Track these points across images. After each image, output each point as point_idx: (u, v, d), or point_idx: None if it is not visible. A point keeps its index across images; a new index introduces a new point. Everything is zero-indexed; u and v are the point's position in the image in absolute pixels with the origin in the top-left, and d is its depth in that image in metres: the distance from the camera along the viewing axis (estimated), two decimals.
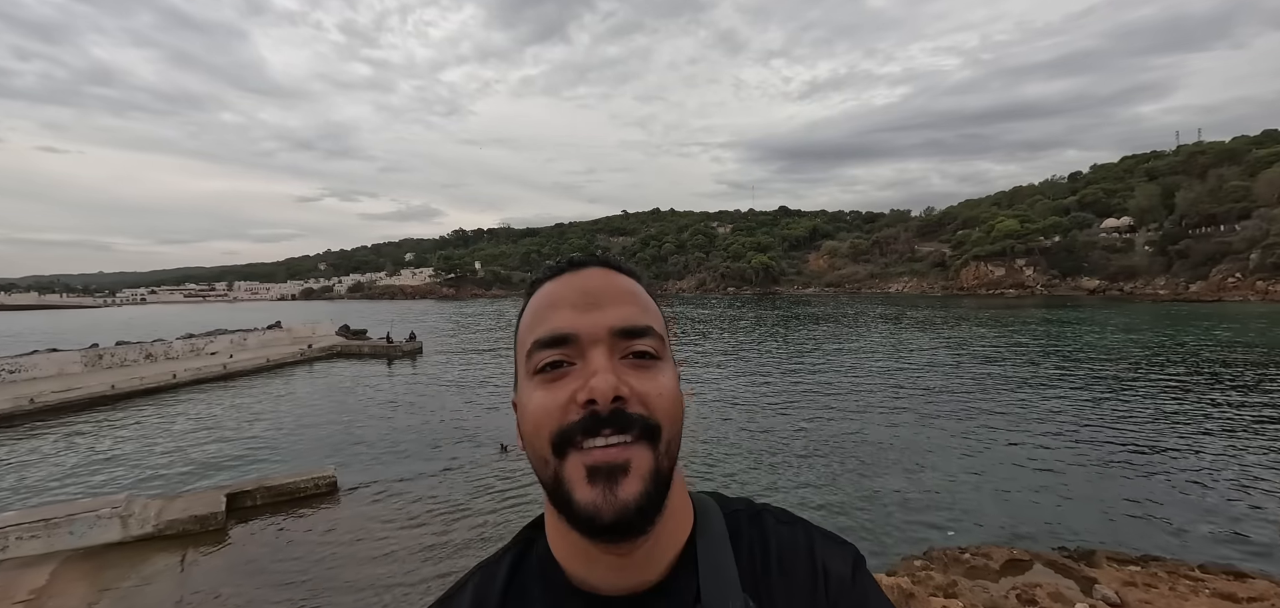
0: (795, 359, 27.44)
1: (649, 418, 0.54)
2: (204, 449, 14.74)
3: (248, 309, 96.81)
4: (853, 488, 11.31)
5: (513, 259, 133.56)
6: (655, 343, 0.58)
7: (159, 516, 9.43)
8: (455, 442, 15.03)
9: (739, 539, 0.61)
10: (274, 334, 35.21)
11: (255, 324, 39.95)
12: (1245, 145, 67.32)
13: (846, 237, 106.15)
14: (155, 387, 21.58)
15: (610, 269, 0.62)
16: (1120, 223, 68.14)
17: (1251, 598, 5.98)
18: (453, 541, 9.33)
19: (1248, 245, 50.20)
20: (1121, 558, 7.57)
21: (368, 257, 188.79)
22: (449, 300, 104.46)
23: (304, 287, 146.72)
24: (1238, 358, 23.77)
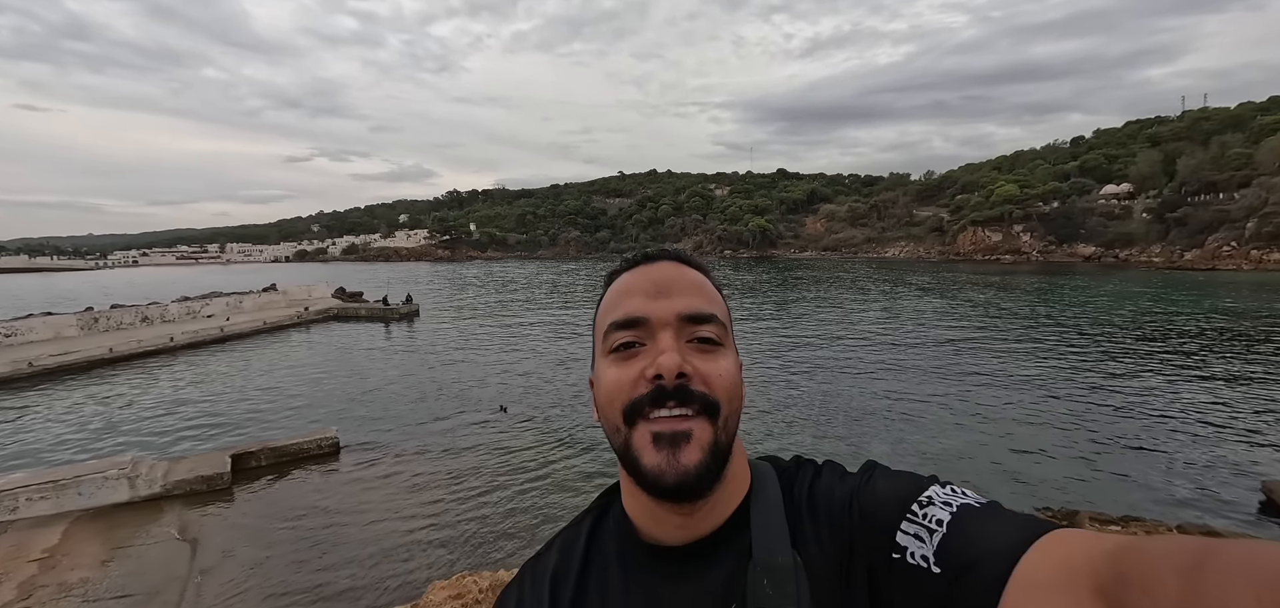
0: (788, 322, 27.66)
1: (709, 395, 0.62)
2: (205, 412, 14.89)
3: (241, 272, 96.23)
4: (842, 449, 11.58)
5: (508, 221, 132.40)
6: (718, 329, 0.66)
7: (166, 476, 9.61)
8: (455, 403, 15.23)
9: (791, 498, 0.67)
10: (270, 297, 35.13)
11: (250, 287, 39.78)
12: (1251, 112, 66.22)
13: (845, 200, 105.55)
14: (153, 350, 21.63)
15: (680, 262, 0.71)
16: (1120, 190, 67.63)
17: None
18: (456, 500, 9.54)
19: (1245, 214, 49.92)
20: (1103, 518, 7.84)
21: (361, 218, 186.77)
22: (445, 263, 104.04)
23: (297, 249, 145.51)
24: (1221, 326, 24.11)
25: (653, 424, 0.61)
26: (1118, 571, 0.41)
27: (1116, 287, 38.02)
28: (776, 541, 0.63)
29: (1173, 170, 61.14)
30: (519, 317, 31.83)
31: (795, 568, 0.61)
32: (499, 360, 20.59)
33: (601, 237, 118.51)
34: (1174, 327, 23.83)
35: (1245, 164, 54.51)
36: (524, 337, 25.37)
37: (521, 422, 13.69)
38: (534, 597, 0.70)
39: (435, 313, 33.96)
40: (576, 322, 29.44)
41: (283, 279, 51.49)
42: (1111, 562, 0.42)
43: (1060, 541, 0.49)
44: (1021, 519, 0.54)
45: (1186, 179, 58.44)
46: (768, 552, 0.62)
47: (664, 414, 0.60)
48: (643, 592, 0.66)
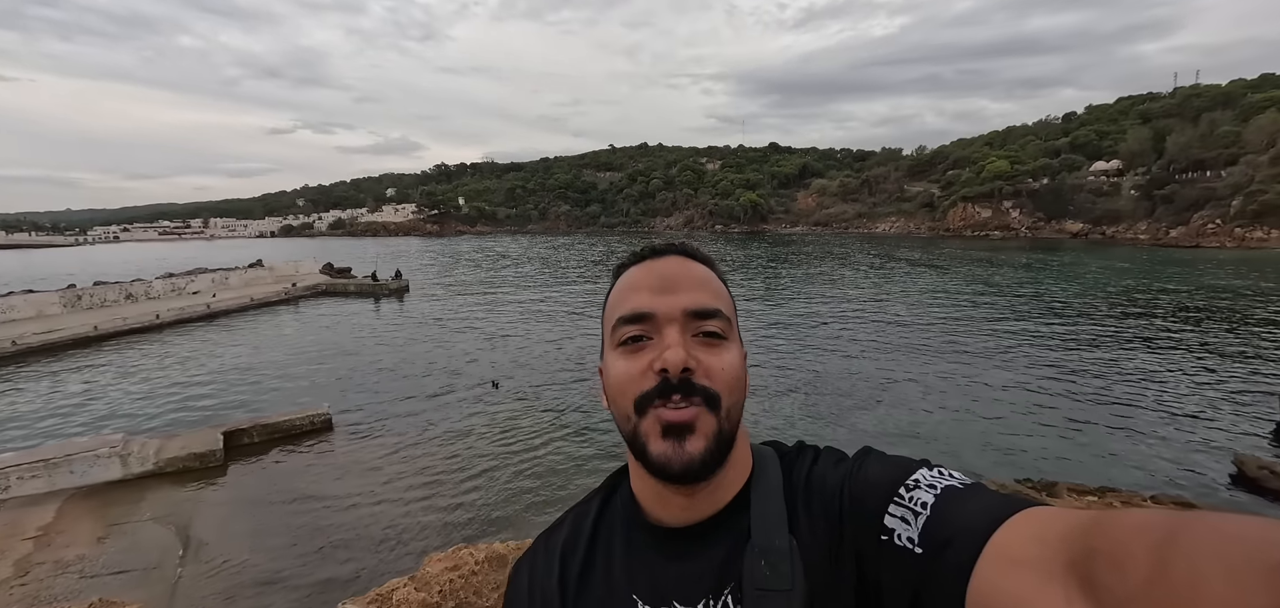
0: (779, 298, 27.83)
1: (712, 388, 0.65)
2: (195, 389, 14.82)
3: (226, 247, 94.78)
4: (829, 423, 11.80)
5: (497, 195, 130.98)
6: (722, 324, 0.68)
7: (158, 454, 9.61)
8: (446, 379, 15.26)
9: (790, 484, 0.70)
10: (256, 273, 34.71)
11: (236, 262, 39.29)
12: (1241, 89, 66.27)
13: (836, 175, 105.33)
14: (139, 327, 21.39)
15: (687, 257, 0.72)
16: (1109, 166, 67.87)
17: None
18: (449, 475, 9.64)
19: (1231, 192, 50.21)
20: (1081, 489, 8.10)
21: (347, 192, 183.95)
22: (433, 238, 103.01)
23: (283, 223, 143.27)
24: (1201, 303, 24.61)
25: (662, 412, 0.64)
26: (1089, 544, 0.42)
27: (1102, 264, 38.53)
28: (774, 525, 0.66)
29: (1162, 147, 61.33)
30: (510, 292, 31.74)
31: (791, 551, 0.64)
32: (490, 336, 20.59)
33: (592, 211, 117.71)
34: (1155, 304, 24.29)
35: (1234, 142, 54.75)
36: (515, 313, 25.35)
37: (514, 398, 13.76)
38: (545, 566, 0.76)
39: (425, 289, 33.77)
40: (568, 298, 29.44)
41: (269, 255, 50.85)
42: (1083, 536, 0.43)
43: (1034, 517, 0.50)
44: (1000, 498, 0.55)
45: (1175, 156, 58.75)
46: (765, 535, 0.65)
47: (669, 407, 0.64)
48: (645, 568, 0.70)
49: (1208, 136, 57.50)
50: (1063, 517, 0.47)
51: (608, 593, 0.71)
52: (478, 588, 5.46)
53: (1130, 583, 0.36)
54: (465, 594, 5.33)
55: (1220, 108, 62.85)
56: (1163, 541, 0.36)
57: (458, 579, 5.37)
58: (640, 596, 0.69)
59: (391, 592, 5.05)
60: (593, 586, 0.72)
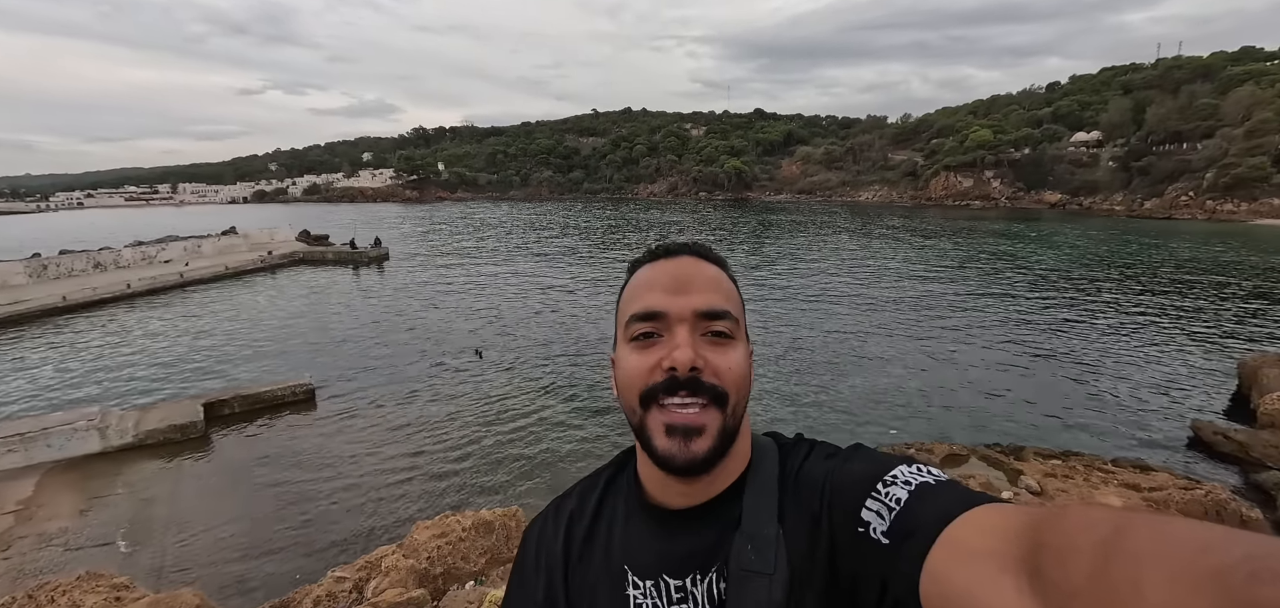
0: (763, 267, 28.04)
1: (719, 386, 0.69)
2: (171, 360, 14.59)
3: (196, 214, 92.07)
4: (810, 390, 12.08)
5: (478, 160, 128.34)
6: (730, 324, 0.71)
7: (137, 426, 9.52)
8: (430, 349, 15.22)
9: (785, 473, 0.75)
10: (230, 240, 33.88)
11: (208, 230, 38.25)
12: (1222, 62, 66.30)
13: (821, 142, 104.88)
14: (109, 297, 20.86)
15: (699, 258, 0.76)
16: (1089, 137, 68.36)
17: (1152, 488, 6.86)
18: (434, 445, 9.72)
19: (1206, 164, 50.95)
20: (1046, 453, 8.46)
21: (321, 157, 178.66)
22: (413, 204, 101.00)
23: (255, 189, 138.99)
24: (1169, 275, 25.38)
25: (666, 413, 0.68)
26: (1038, 539, 0.43)
27: (1077, 235, 39.31)
28: (764, 513, 0.70)
29: (1142, 119, 61.78)
30: (493, 261, 31.47)
31: (777, 538, 0.68)
32: (473, 306, 20.50)
33: (575, 177, 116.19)
34: (1125, 275, 24.99)
35: (1211, 115, 55.09)
36: (498, 281, 25.19)
37: (497, 368, 13.80)
38: (553, 532, 0.83)
39: (405, 257, 33.32)
40: (552, 267, 29.30)
41: (242, 222, 49.54)
42: (1033, 531, 0.45)
43: (991, 511, 0.52)
44: (964, 494, 0.57)
45: (1154, 128, 59.27)
46: (755, 523, 0.70)
47: (676, 402, 0.68)
48: (641, 543, 0.76)
49: (1186, 109, 57.88)
50: (1018, 513, 0.49)
51: (605, 562, 0.78)
52: (465, 554, 5.59)
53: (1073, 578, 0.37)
54: (453, 560, 5.46)
55: (1200, 80, 63.05)
56: (1107, 538, 0.37)
57: (445, 546, 5.48)
58: (633, 568, 0.75)
59: (380, 559, 5.15)
60: (593, 554, 0.79)
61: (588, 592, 0.78)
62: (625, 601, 0.75)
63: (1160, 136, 58.81)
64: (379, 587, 4.59)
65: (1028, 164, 68.06)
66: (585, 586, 0.78)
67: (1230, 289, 20.95)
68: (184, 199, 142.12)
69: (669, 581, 0.73)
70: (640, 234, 44.32)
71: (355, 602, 4.61)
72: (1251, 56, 66.74)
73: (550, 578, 0.80)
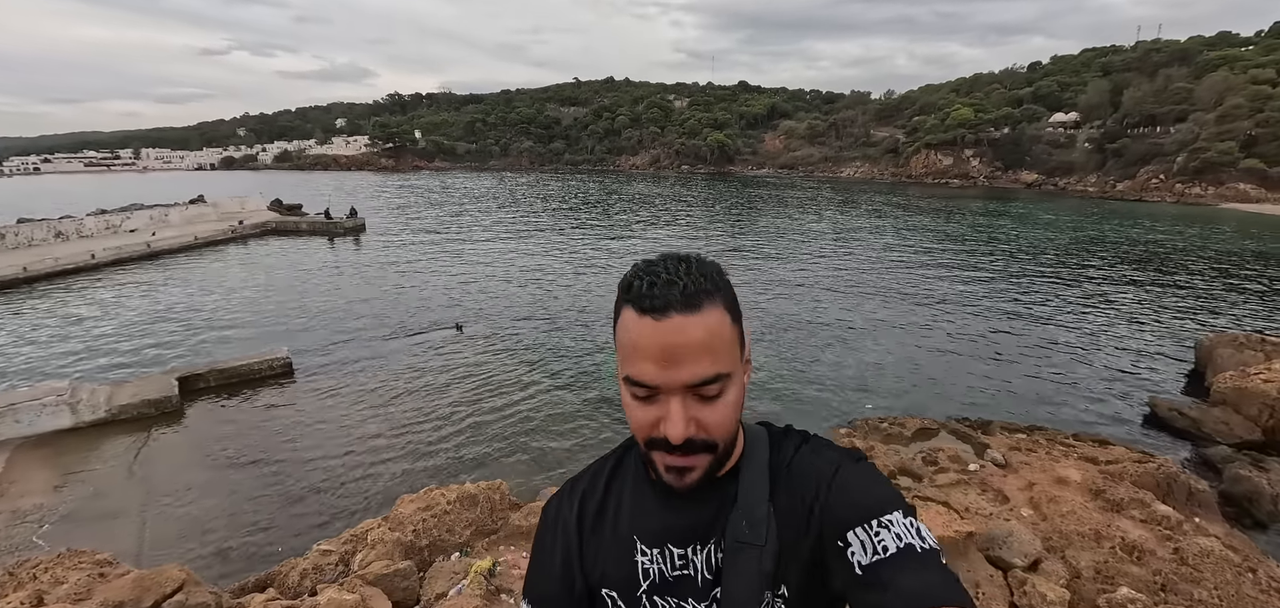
0: (743, 242, 28.20)
1: (710, 439, 0.78)
2: (141, 333, 14.25)
3: (161, 181, 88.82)
4: (789, 365, 12.32)
5: (456, 128, 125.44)
6: (721, 383, 0.76)
7: (110, 401, 9.33)
8: (409, 322, 15.09)
9: (776, 460, 0.86)
10: (198, 209, 32.84)
11: (175, 198, 37.02)
12: (1198, 46, 67.30)
13: (805, 117, 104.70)
14: (73, 268, 20.17)
15: (688, 310, 0.73)
16: (1067, 118, 69.15)
17: (1109, 461, 7.21)
18: (415, 419, 9.71)
19: (1177, 148, 51.78)
20: (1012, 427, 8.81)
21: (292, 122, 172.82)
22: (389, 173, 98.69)
23: (223, 155, 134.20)
24: (1137, 255, 26.20)
25: (666, 457, 0.79)
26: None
27: (1050, 215, 40.15)
28: (757, 493, 0.82)
29: (1119, 101, 62.67)
30: (472, 233, 31.08)
31: (768, 516, 0.80)
32: (452, 278, 20.30)
33: (556, 147, 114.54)
34: (1094, 255, 25.72)
35: (1185, 99, 56.03)
36: (478, 254, 24.94)
37: (478, 341, 13.77)
38: (568, 508, 0.94)
39: (382, 227, 32.72)
40: (534, 240, 29.07)
41: (210, 190, 48.01)
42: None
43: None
44: (941, 578, 0.66)
45: (1130, 111, 60.18)
46: (749, 501, 0.82)
47: (674, 456, 0.78)
48: (647, 516, 0.88)
49: (1162, 93, 58.76)
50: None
51: (614, 532, 0.90)
52: (450, 526, 5.68)
53: None
54: (438, 532, 5.54)
55: (1177, 64, 63.94)
56: None
57: (430, 519, 5.56)
58: (640, 537, 0.87)
59: (366, 532, 5.21)
60: (604, 525, 0.91)
61: (600, 557, 0.90)
62: (634, 565, 0.87)
63: (1136, 119, 59.86)
64: (365, 560, 4.66)
65: (1007, 143, 68.89)
66: (598, 552, 0.90)
67: (1193, 271, 21.73)
68: (147, 165, 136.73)
69: (672, 549, 0.85)
70: (625, 209, 44.05)
71: (342, 574, 4.67)
72: (1227, 41, 67.96)
73: (567, 546, 0.91)
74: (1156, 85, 60.28)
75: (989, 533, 5.55)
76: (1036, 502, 6.43)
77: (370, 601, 4.06)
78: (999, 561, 5.28)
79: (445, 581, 4.61)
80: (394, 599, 4.33)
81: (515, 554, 5.27)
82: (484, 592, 4.40)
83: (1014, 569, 5.18)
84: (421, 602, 4.51)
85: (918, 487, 6.87)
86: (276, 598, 4.24)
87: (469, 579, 4.51)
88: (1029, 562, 5.24)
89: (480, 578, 4.54)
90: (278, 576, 4.80)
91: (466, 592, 4.36)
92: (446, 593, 4.43)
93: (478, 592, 4.38)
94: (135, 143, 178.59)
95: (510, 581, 4.85)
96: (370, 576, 4.40)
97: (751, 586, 0.78)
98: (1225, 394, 9.32)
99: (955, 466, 7.45)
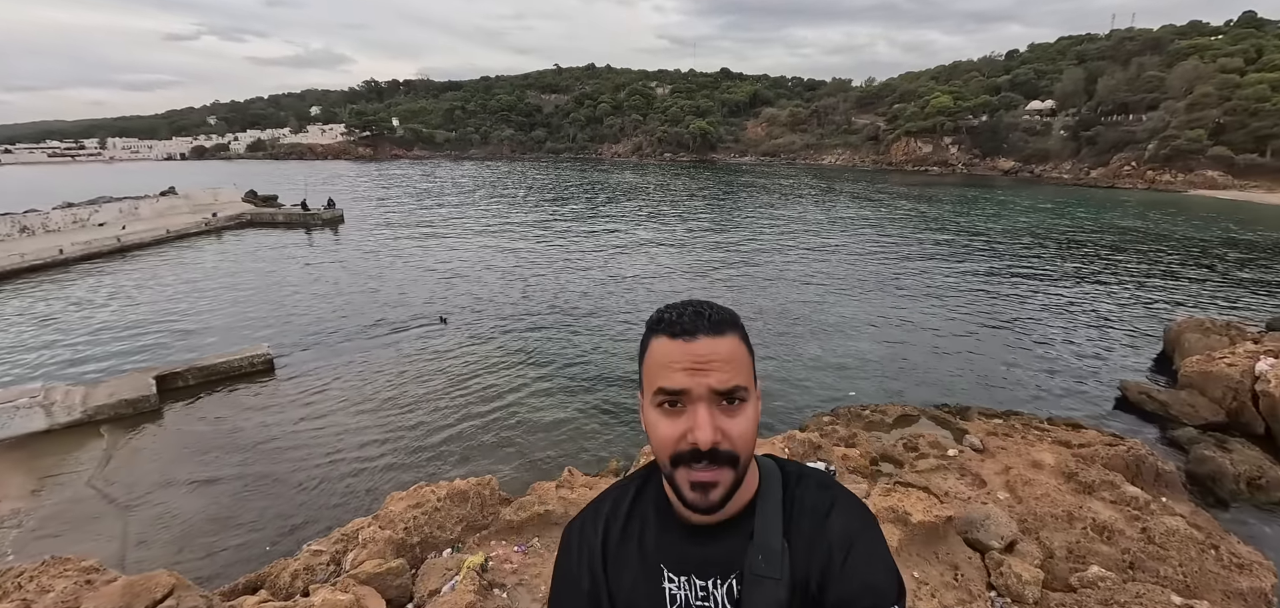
0: (727, 231, 28.33)
1: (733, 451, 0.83)
2: (115, 332, 13.92)
3: (129, 172, 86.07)
4: (774, 354, 12.48)
5: (435, 116, 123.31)
6: (743, 392, 0.84)
7: (85, 402, 9.13)
8: (391, 316, 14.94)
9: (788, 497, 0.93)
10: (170, 202, 32.00)
11: (145, 190, 35.97)
12: (1170, 35, 68.89)
13: (786, 104, 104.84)
14: (40, 264, 19.56)
15: (714, 335, 0.85)
16: (1043, 106, 70.33)
17: (1082, 444, 7.48)
18: (402, 416, 9.66)
19: (1149, 135, 53.07)
20: (989, 413, 9.06)
21: (265, 110, 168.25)
22: (366, 162, 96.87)
23: (194, 145, 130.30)
24: (1111, 241, 26.89)
25: (691, 472, 0.83)
26: None
27: (1027, 202, 40.90)
28: (772, 529, 0.89)
29: (1094, 89, 63.85)
30: (454, 224, 30.76)
31: (783, 551, 0.88)
32: (435, 270, 20.11)
33: (537, 135, 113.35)
34: (1068, 240, 26.34)
35: (1157, 87, 57.28)
36: (460, 245, 24.71)
37: (463, 334, 13.70)
38: (593, 530, 1.00)
39: (361, 218, 32.20)
40: (517, 231, 28.87)
41: (181, 180, 46.72)
42: None
43: None
44: None
45: (1103, 99, 61.41)
46: (765, 537, 0.89)
47: (700, 468, 0.83)
48: (672, 547, 0.93)
49: (1134, 81, 60.01)
50: None
51: (641, 558, 0.95)
52: (441, 523, 5.70)
53: None
54: (429, 529, 5.56)
55: (1149, 52, 65.23)
56: None
57: (421, 516, 5.57)
58: (667, 565, 0.93)
59: (357, 531, 5.21)
60: (628, 550, 0.97)
61: (625, 581, 0.95)
62: (662, 591, 0.93)
63: (1109, 107, 61.10)
64: (357, 559, 4.66)
65: (984, 131, 69.86)
66: (622, 575, 0.96)
67: (1163, 257, 22.38)
68: (114, 155, 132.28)
69: (696, 580, 0.92)
70: (612, 200, 43.84)
71: (334, 574, 4.68)
72: (1198, 30, 69.50)
73: (592, 567, 0.97)
74: (1129, 73, 61.52)
75: (967, 516, 5.74)
76: (1012, 485, 6.64)
77: (364, 600, 4.08)
78: (977, 543, 5.47)
79: (438, 577, 4.64)
80: (387, 598, 4.36)
81: (507, 549, 5.32)
82: (477, 588, 4.45)
83: (991, 551, 5.37)
84: (415, 599, 4.54)
85: (899, 473, 7.05)
86: (268, 600, 4.23)
87: (462, 575, 4.55)
88: (1005, 544, 5.44)
89: (473, 574, 4.58)
90: (268, 577, 4.79)
91: (460, 588, 4.40)
92: (440, 590, 4.47)
93: (471, 588, 4.42)
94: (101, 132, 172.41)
95: (502, 575, 4.90)
96: (363, 574, 4.42)
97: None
98: (1192, 378, 9.67)
99: (935, 451, 7.65)
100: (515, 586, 4.77)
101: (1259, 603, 4.84)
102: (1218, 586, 4.98)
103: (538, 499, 5.82)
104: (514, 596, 4.65)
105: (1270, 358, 9.09)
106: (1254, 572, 5.12)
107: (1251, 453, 7.83)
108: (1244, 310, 15.32)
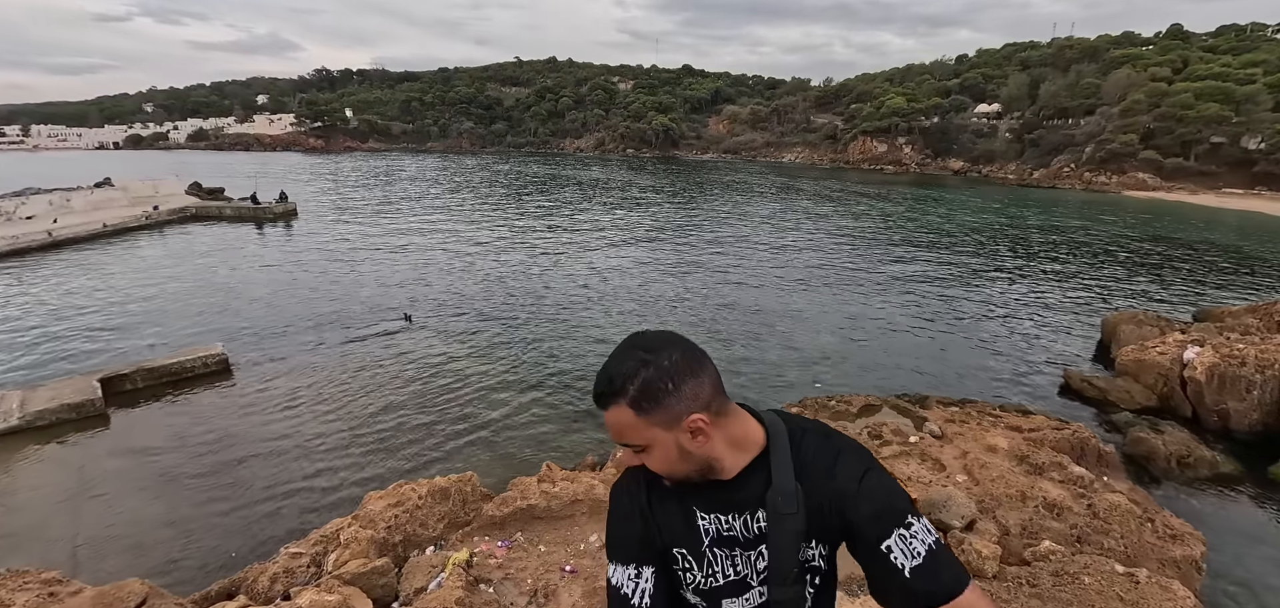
0: (690, 228, 28.63)
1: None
2: (52, 333, 13.08)
3: (57, 161, 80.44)
4: (739, 348, 12.75)
5: (391, 107, 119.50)
6: (640, 445, 1.07)
7: (24, 407, 8.59)
8: (353, 314, 14.53)
9: (795, 449, 1.09)
10: (106, 194, 30.14)
11: (77, 181, 33.75)
12: (1105, 44, 73.34)
13: (748, 102, 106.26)
14: None
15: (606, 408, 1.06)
16: (990, 109, 73.95)
17: (1031, 429, 7.96)
18: (370, 415, 9.44)
19: (1086, 139, 56.42)
20: (946, 401, 9.52)
21: (207, 98, 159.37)
22: (318, 153, 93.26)
23: (129, 133, 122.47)
24: (1049, 238, 28.45)
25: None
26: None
27: (976, 201, 42.78)
28: (786, 475, 1.07)
29: (1036, 94, 67.37)
30: (414, 218, 30.02)
31: (797, 491, 1.06)
32: (396, 266, 19.63)
33: (498, 129, 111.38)
34: (1014, 238, 27.75)
35: (1094, 94, 60.92)
36: (421, 240, 24.15)
37: (428, 330, 13.46)
38: (636, 486, 1.19)
39: (316, 213, 31.06)
40: (479, 225, 28.41)
41: (117, 171, 44.03)
42: None
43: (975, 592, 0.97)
44: (957, 567, 0.99)
45: (1045, 103, 64.91)
46: (781, 481, 1.06)
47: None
48: (700, 492, 1.13)
49: (1073, 87, 63.65)
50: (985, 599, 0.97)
51: (678, 503, 1.15)
52: (423, 521, 5.65)
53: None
54: (411, 527, 5.50)
55: (1087, 60, 69.30)
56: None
57: (402, 514, 5.51)
58: (699, 508, 1.14)
59: (337, 532, 5.11)
60: (668, 501, 1.16)
61: (668, 524, 1.16)
62: (697, 527, 1.14)
63: (1050, 112, 64.51)
64: (340, 559, 4.59)
65: (936, 132, 72.57)
66: (665, 520, 1.16)
67: (1099, 253, 23.84)
68: (39, 143, 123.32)
69: (721, 516, 1.12)
70: (577, 195, 43.53)
71: (315, 576, 4.59)
72: (1130, 41, 74.00)
73: (643, 516, 1.17)
74: (1069, 80, 65.04)
75: (929, 499, 6.05)
76: (970, 468, 7.03)
77: (350, 600, 4.03)
78: (939, 523, 5.78)
79: (423, 575, 4.62)
80: (373, 597, 4.31)
81: (490, 544, 5.32)
82: (464, 583, 4.45)
83: (952, 530, 5.69)
84: (400, 598, 4.50)
85: None
86: (248, 605, 4.12)
87: (448, 572, 4.54)
88: (965, 523, 5.77)
89: (459, 570, 4.58)
90: (244, 581, 4.65)
91: (447, 584, 4.39)
92: (426, 587, 4.45)
93: (458, 584, 4.42)
94: (24, 118, 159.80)
95: (488, 570, 4.91)
96: (347, 575, 4.35)
97: (791, 538, 1.07)
98: (1127, 366, 10.40)
99: (897, 438, 8.01)
100: (501, 580, 4.79)
101: (1190, 569, 5.30)
102: (1154, 555, 5.42)
103: (520, 494, 5.83)
104: (500, 590, 4.67)
105: (1196, 347, 9.86)
106: (1185, 541, 5.60)
107: (1181, 434, 8.51)
108: (1173, 303, 16.52)
